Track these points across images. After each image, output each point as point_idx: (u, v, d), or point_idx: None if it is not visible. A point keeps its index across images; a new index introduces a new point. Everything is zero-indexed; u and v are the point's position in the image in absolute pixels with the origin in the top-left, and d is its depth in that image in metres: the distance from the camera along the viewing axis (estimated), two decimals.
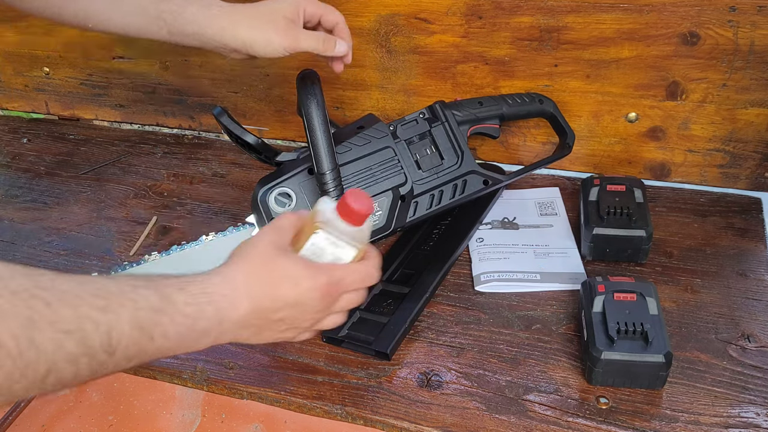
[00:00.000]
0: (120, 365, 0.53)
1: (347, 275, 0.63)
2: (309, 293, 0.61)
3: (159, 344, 0.55)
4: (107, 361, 0.52)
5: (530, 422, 0.71)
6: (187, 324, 0.56)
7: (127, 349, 0.52)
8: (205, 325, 0.57)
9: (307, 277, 0.61)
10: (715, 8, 0.87)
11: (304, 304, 0.61)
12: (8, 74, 1.34)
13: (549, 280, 0.87)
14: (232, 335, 0.61)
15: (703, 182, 1.01)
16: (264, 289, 0.60)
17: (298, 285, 0.61)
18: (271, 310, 0.61)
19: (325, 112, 0.79)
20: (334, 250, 0.63)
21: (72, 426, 1.68)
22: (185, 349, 0.58)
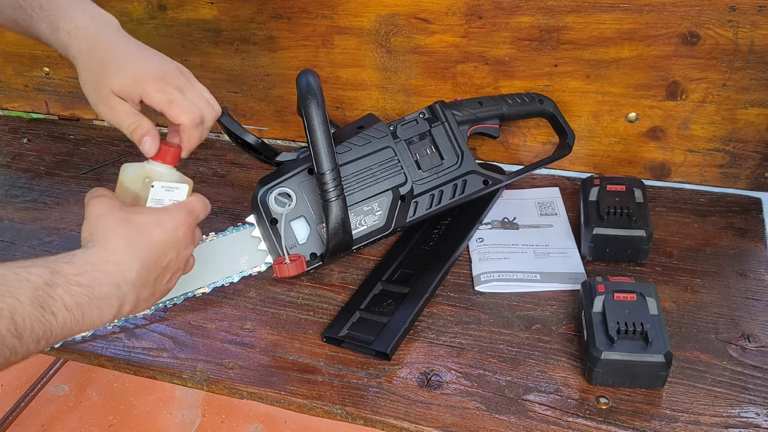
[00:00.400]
0: (30, 348, 0.55)
1: (194, 206, 0.71)
2: (177, 230, 0.67)
3: (63, 318, 0.57)
4: (17, 345, 0.54)
5: (530, 422, 0.71)
6: (84, 293, 0.59)
7: (33, 330, 0.55)
8: (103, 291, 0.60)
9: (167, 218, 0.67)
10: (715, 8, 0.87)
11: (177, 241, 0.68)
12: (8, 74, 1.34)
13: (549, 280, 0.87)
14: (133, 299, 0.64)
15: (703, 182, 1.01)
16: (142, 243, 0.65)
17: (164, 226, 0.67)
18: (157, 258, 0.66)
19: (325, 112, 0.79)
20: (170, 195, 0.72)
21: (72, 426, 1.68)
22: (92, 321, 0.60)
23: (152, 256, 0.65)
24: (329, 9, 1.03)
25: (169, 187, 0.72)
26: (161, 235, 0.66)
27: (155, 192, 0.72)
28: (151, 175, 0.73)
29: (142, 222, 0.66)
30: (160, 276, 0.67)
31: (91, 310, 0.60)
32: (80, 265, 0.60)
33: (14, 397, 1.70)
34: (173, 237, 0.67)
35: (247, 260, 0.87)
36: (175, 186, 0.73)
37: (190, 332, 0.85)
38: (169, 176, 0.73)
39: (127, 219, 0.66)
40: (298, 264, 0.82)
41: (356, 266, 0.93)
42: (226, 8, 1.09)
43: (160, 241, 0.66)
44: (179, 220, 0.68)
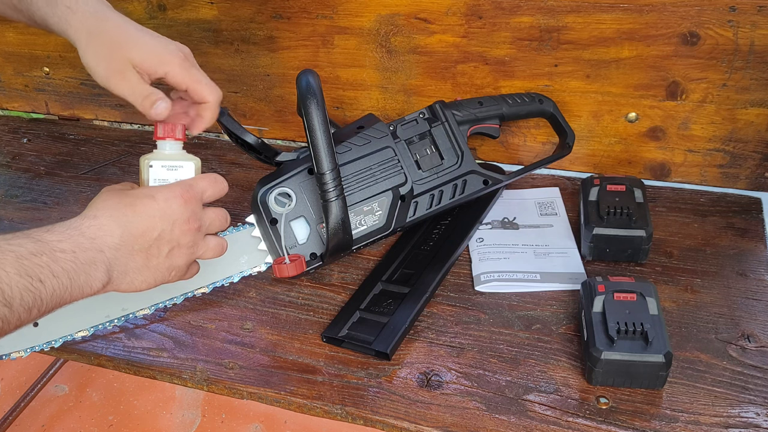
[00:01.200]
0: (22, 317, 0.56)
1: (197, 181, 0.70)
2: (169, 202, 0.66)
3: (52, 286, 0.58)
4: (9, 315, 0.55)
5: (530, 422, 0.71)
6: (69, 259, 0.59)
7: (22, 299, 0.55)
8: (87, 256, 0.61)
9: (161, 190, 0.67)
10: (715, 8, 0.87)
11: (171, 214, 0.66)
12: (8, 74, 1.34)
13: (549, 280, 0.87)
14: (122, 266, 0.64)
15: (703, 182, 1.01)
16: (126, 212, 0.64)
17: (155, 198, 0.66)
18: (143, 230, 0.65)
19: (325, 112, 0.79)
20: (175, 174, 0.71)
21: (72, 426, 1.68)
22: (81, 287, 0.61)
23: (137, 224, 0.65)
24: (329, 9, 1.03)
25: (171, 166, 0.71)
26: (149, 204, 0.65)
27: (155, 172, 0.71)
28: (150, 157, 0.72)
29: (132, 194, 0.66)
30: (152, 248, 0.66)
31: (78, 276, 0.60)
32: (61, 232, 0.61)
33: (14, 397, 1.70)
34: (164, 208, 0.66)
35: (247, 260, 0.87)
36: (179, 164, 0.71)
37: (190, 332, 0.85)
38: (170, 155, 0.72)
39: (119, 192, 0.66)
40: (297, 264, 0.82)
41: (356, 266, 0.93)
42: (226, 8, 1.09)
43: (147, 210, 0.65)
44: (173, 192, 0.67)
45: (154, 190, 0.67)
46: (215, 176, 0.73)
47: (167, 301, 0.85)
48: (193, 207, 0.68)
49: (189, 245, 0.69)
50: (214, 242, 0.72)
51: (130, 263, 0.65)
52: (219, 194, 0.72)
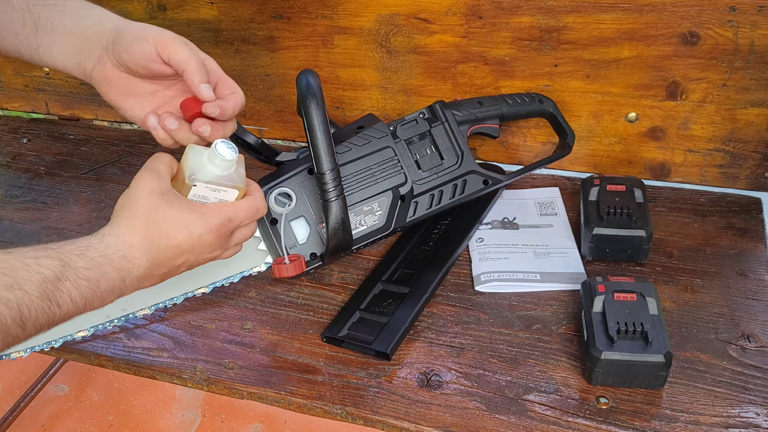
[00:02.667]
0: (31, 335, 0.57)
1: (237, 213, 0.67)
2: (203, 238, 0.65)
3: (67, 309, 0.58)
4: (20, 334, 0.55)
5: (530, 422, 0.71)
6: (90, 287, 0.59)
7: (37, 320, 0.56)
8: (108, 285, 0.61)
9: (198, 222, 0.64)
10: (715, 8, 0.87)
11: (200, 246, 0.65)
12: (8, 74, 1.34)
13: (549, 280, 0.87)
14: (132, 290, 0.64)
15: (703, 182, 1.01)
16: (159, 242, 0.63)
17: (192, 232, 0.64)
18: (170, 259, 0.64)
19: (325, 112, 0.79)
20: (216, 195, 0.67)
21: (72, 426, 1.68)
22: (90, 308, 0.61)
23: (166, 256, 0.64)
24: (329, 9, 1.03)
25: (214, 188, 0.67)
26: (184, 239, 0.64)
27: (197, 190, 0.67)
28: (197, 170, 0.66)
29: (170, 219, 0.64)
30: (168, 273, 0.67)
31: (93, 301, 0.61)
32: (92, 259, 0.60)
33: (14, 397, 1.70)
34: (196, 243, 0.65)
35: (247, 260, 0.87)
36: (223, 189, 0.67)
37: (190, 332, 0.85)
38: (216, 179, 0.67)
39: (157, 211, 0.63)
40: (297, 264, 0.82)
41: (356, 266, 0.93)
42: (226, 8, 1.09)
43: (180, 244, 0.64)
44: (211, 227, 0.65)
45: (192, 218, 0.64)
46: (257, 202, 0.70)
47: (167, 301, 0.85)
48: (224, 238, 0.67)
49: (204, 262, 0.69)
50: (228, 252, 0.72)
51: (144, 284, 0.65)
52: (256, 219, 0.71)
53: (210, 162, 0.67)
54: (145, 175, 0.66)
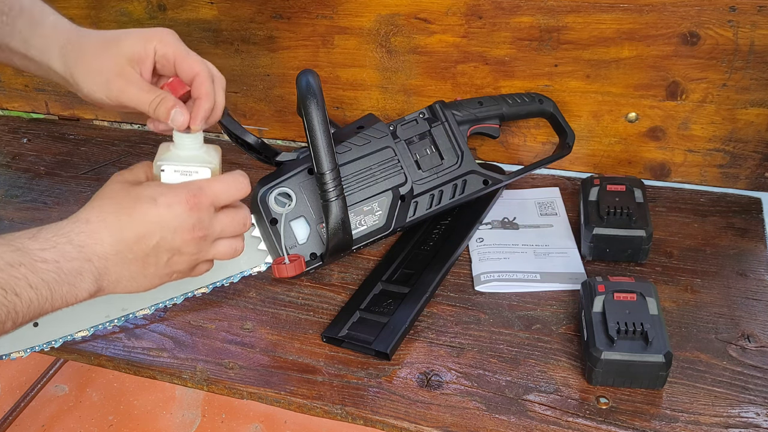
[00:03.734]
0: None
1: (209, 184, 0.62)
2: (172, 208, 0.59)
3: (29, 297, 0.54)
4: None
5: (530, 422, 0.71)
6: (51, 269, 0.55)
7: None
8: (72, 266, 0.56)
9: (164, 194, 0.60)
10: (715, 8, 0.87)
11: (172, 221, 0.60)
12: (8, 74, 1.34)
13: (549, 280, 0.87)
14: (114, 276, 0.59)
15: (703, 182, 1.01)
16: (120, 216, 0.58)
17: (156, 201, 0.59)
18: (139, 237, 0.59)
19: (325, 112, 0.79)
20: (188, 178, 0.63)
21: (72, 426, 1.68)
22: (65, 297, 0.57)
23: (132, 230, 0.59)
24: (329, 9, 1.03)
25: (184, 171, 0.63)
26: (149, 209, 0.59)
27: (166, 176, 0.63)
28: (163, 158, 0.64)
29: (136, 194, 0.60)
30: (150, 257, 0.60)
31: (61, 286, 0.56)
32: (46, 239, 0.56)
33: (14, 397, 1.70)
34: (163, 214, 0.59)
35: (247, 260, 0.87)
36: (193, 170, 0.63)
37: (190, 332, 0.85)
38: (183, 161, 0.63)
39: (122, 192, 0.60)
40: (297, 264, 0.82)
41: (356, 266, 0.93)
42: (226, 8, 1.09)
43: (146, 216, 0.59)
44: (178, 197, 0.60)
45: (158, 191, 0.61)
46: (235, 177, 0.65)
47: (167, 301, 0.85)
48: (199, 214, 0.61)
49: (192, 253, 0.63)
50: (224, 247, 0.66)
51: (124, 272, 0.60)
52: (237, 197, 0.65)
53: (175, 146, 0.64)
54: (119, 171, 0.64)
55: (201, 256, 0.65)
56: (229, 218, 0.65)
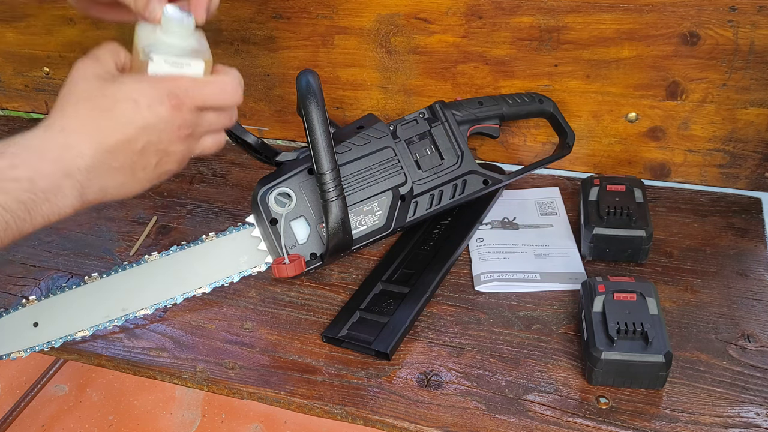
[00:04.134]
0: None
1: (195, 85, 0.57)
2: (154, 109, 0.55)
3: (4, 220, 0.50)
4: None
5: (530, 422, 0.71)
6: (24, 188, 0.51)
7: None
8: (49, 182, 0.52)
9: (145, 93, 0.55)
10: (715, 8, 0.87)
11: (156, 123, 0.55)
12: (8, 74, 1.34)
13: (549, 280, 0.87)
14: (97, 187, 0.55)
15: (703, 182, 1.01)
16: (101, 122, 0.54)
17: (138, 103, 0.54)
18: (123, 142, 0.55)
19: (325, 112, 0.79)
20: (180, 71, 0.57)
21: (72, 426, 1.68)
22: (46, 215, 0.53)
23: (114, 135, 0.54)
24: (329, 9, 1.03)
25: (175, 63, 0.56)
26: (131, 111, 0.54)
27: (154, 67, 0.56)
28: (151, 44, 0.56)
29: (113, 94, 0.55)
30: (137, 163, 0.56)
31: (38, 206, 0.52)
32: (15, 155, 0.52)
33: (14, 397, 1.70)
34: (147, 116, 0.55)
35: (247, 260, 0.87)
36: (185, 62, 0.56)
37: (190, 332, 0.85)
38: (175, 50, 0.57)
39: (98, 88, 0.55)
40: (296, 264, 0.82)
41: (356, 266, 0.93)
42: (226, 8, 1.09)
43: (128, 118, 0.54)
44: (160, 98, 0.55)
45: (139, 91, 0.55)
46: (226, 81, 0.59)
47: (167, 301, 0.85)
48: (184, 115, 0.57)
49: (179, 151, 0.59)
50: (210, 141, 0.62)
51: (109, 182, 0.56)
52: (226, 103, 0.60)
53: (165, 33, 0.57)
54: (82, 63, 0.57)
55: (189, 153, 0.61)
56: (216, 115, 0.61)
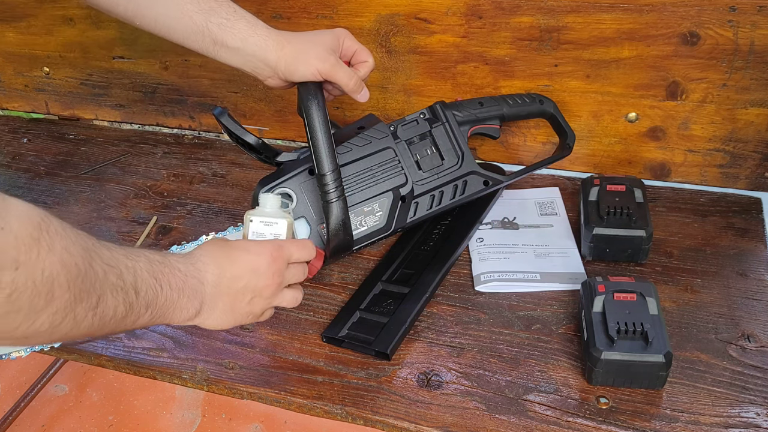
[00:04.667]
0: (140, 313, 0.61)
1: (288, 243, 0.75)
2: (259, 257, 0.72)
3: (165, 295, 0.64)
4: (135, 302, 0.60)
5: (530, 422, 0.71)
6: (181, 278, 0.66)
7: (146, 294, 0.61)
8: (193, 283, 0.67)
9: (255, 245, 0.73)
10: (715, 8, 0.87)
11: (258, 268, 0.71)
12: (8, 74, 1.34)
13: (549, 280, 0.87)
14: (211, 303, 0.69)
15: (703, 182, 1.01)
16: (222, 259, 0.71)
17: (249, 251, 0.72)
18: (234, 276, 0.70)
19: (326, 112, 0.79)
20: (270, 229, 0.78)
21: (72, 426, 1.68)
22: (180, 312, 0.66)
23: (230, 270, 0.70)
24: (329, 9, 1.03)
25: (267, 222, 0.78)
26: (243, 256, 0.71)
27: (254, 226, 0.77)
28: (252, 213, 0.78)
29: (231, 245, 0.72)
30: (239, 294, 0.71)
31: (182, 297, 0.65)
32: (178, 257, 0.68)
33: (14, 397, 1.70)
34: (254, 261, 0.71)
35: None
36: (273, 221, 0.78)
37: (190, 332, 0.85)
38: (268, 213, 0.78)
39: (221, 242, 0.73)
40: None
41: (356, 266, 0.93)
42: None
43: (240, 261, 0.71)
44: (264, 250, 0.72)
45: (250, 244, 0.73)
46: (304, 242, 0.78)
47: None
48: (278, 265, 0.73)
49: (268, 296, 0.73)
50: (290, 295, 0.76)
51: (219, 303, 0.70)
52: (305, 258, 0.77)
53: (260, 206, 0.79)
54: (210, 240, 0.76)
55: (273, 300, 0.74)
56: (296, 270, 0.76)
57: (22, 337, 0.52)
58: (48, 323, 0.52)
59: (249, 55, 0.82)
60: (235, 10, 0.82)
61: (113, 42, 1.21)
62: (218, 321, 0.71)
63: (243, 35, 0.81)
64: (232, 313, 0.72)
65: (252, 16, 0.83)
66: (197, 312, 0.68)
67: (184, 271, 0.67)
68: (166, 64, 1.20)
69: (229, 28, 0.81)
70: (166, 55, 1.19)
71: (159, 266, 0.64)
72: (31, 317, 0.50)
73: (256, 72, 0.84)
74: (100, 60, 1.25)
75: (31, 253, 0.50)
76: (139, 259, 0.62)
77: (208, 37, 0.82)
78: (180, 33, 0.83)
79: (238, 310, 0.72)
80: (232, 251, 0.72)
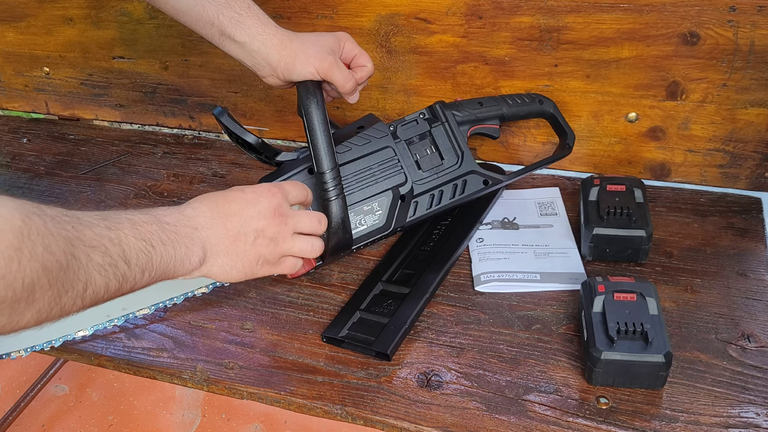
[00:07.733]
0: (137, 278, 0.62)
1: (284, 184, 0.76)
2: (256, 193, 0.72)
3: (160, 252, 0.64)
4: (127, 271, 0.60)
5: (530, 422, 0.71)
6: (172, 230, 0.66)
7: (138, 259, 0.61)
8: (185, 231, 0.67)
9: (249, 186, 0.74)
10: (715, 8, 0.87)
11: (256, 203, 0.72)
12: (8, 74, 1.34)
13: (549, 280, 0.87)
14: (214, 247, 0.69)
15: (703, 182, 1.01)
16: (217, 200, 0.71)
17: (244, 190, 0.73)
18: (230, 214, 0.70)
19: (325, 112, 0.79)
20: None
21: (72, 426, 1.68)
22: (183, 261, 0.66)
23: (225, 208, 0.70)
24: (329, 9, 1.03)
25: None
26: (238, 194, 0.72)
27: None
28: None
29: (227, 191, 0.73)
30: (240, 234, 0.70)
31: (179, 247, 0.66)
32: (165, 209, 0.68)
33: (14, 397, 1.70)
34: (250, 198, 0.72)
35: None
36: None
37: (190, 332, 0.85)
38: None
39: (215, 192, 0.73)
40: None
41: (356, 266, 0.93)
42: None
43: (236, 199, 0.71)
44: (261, 189, 0.73)
45: (245, 186, 0.74)
46: (298, 184, 0.78)
47: (167, 301, 0.85)
48: (278, 200, 0.73)
49: (273, 236, 0.73)
50: (301, 240, 0.75)
51: (220, 244, 0.69)
52: (303, 198, 0.77)
53: None
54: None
55: (281, 243, 0.74)
56: (306, 215, 0.76)
57: (10, 332, 0.52)
58: (34, 319, 0.53)
59: (253, 52, 0.83)
60: (249, 6, 0.83)
61: (113, 42, 1.21)
62: (227, 268, 0.71)
63: (252, 32, 0.82)
64: (239, 257, 0.71)
65: (264, 15, 0.84)
66: (202, 260, 0.68)
67: (173, 222, 0.66)
68: (166, 64, 1.20)
69: (239, 23, 0.82)
70: (166, 55, 1.19)
71: (145, 226, 0.63)
72: (15, 318, 0.51)
73: (256, 68, 0.85)
74: (100, 60, 1.25)
75: (11, 265, 0.49)
76: (122, 226, 0.61)
77: (216, 28, 0.83)
78: (189, 18, 0.85)
79: (243, 253, 0.71)
80: (227, 192, 0.72)
